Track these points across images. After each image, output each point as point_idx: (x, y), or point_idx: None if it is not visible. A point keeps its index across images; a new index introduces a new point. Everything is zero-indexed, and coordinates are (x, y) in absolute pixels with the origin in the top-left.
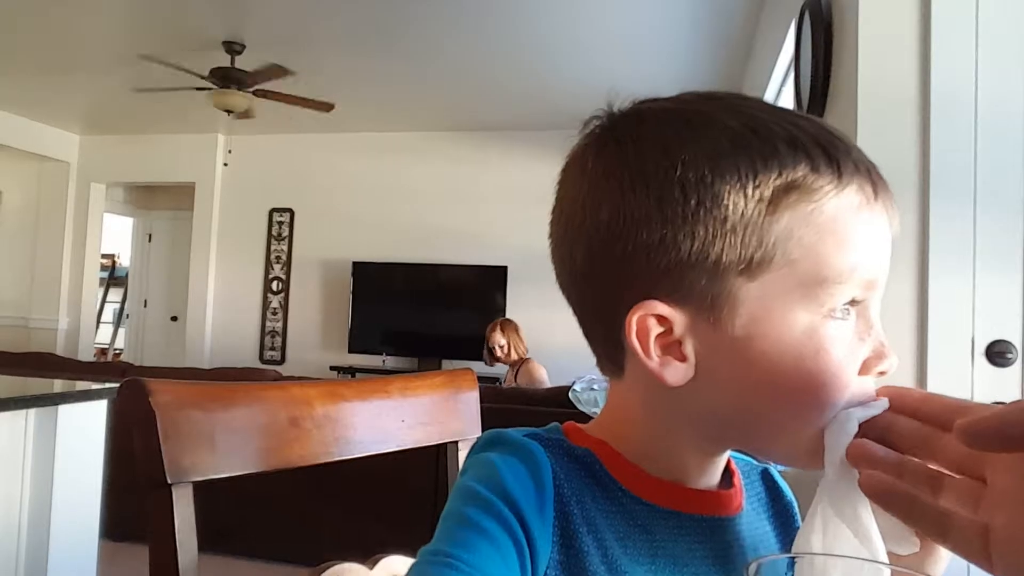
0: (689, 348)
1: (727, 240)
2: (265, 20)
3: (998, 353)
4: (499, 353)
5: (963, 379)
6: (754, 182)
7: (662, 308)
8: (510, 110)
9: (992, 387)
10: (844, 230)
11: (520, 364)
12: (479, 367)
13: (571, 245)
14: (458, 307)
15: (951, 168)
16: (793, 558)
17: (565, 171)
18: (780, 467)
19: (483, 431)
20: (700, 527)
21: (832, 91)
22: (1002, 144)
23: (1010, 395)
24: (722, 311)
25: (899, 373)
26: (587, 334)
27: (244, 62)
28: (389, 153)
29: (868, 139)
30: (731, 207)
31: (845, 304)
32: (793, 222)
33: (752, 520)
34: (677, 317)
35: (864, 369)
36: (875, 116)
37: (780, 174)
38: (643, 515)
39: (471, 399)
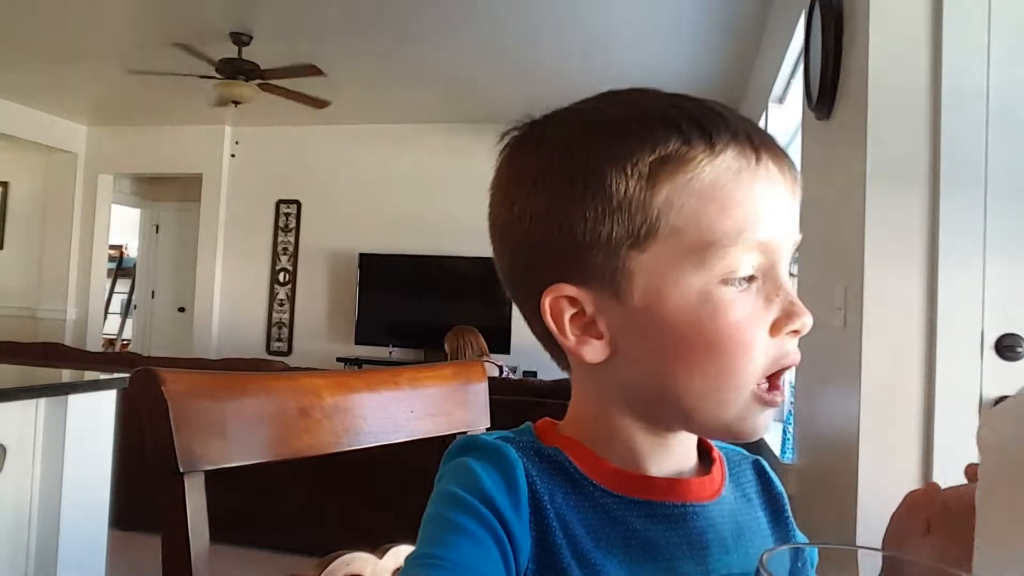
0: (602, 325)
1: (615, 218)
2: (272, 11)
3: (1007, 347)
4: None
5: (972, 373)
6: (631, 161)
7: (569, 289)
8: (518, 102)
9: (1001, 382)
10: (724, 194)
11: None
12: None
13: (499, 247)
14: (464, 299)
15: (961, 160)
16: (798, 549)
17: (492, 181)
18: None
19: (492, 423)
20: (672, 514)
21: (842, 83)
22: (1013, 136)
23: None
24: (620, 285)
25: (909, 367)
26: (532, 331)
27: (250, 53)
28: (396, 145)
29: (878, 131)
30: (614, 187)
31: (746, 274)
32: (673, 193)
33: (734, 506)
34: (585, 297)
35: (775, 330)
36: (885, 108)
37: (654, 150)
38: (615, 506)
39: (480, 390)
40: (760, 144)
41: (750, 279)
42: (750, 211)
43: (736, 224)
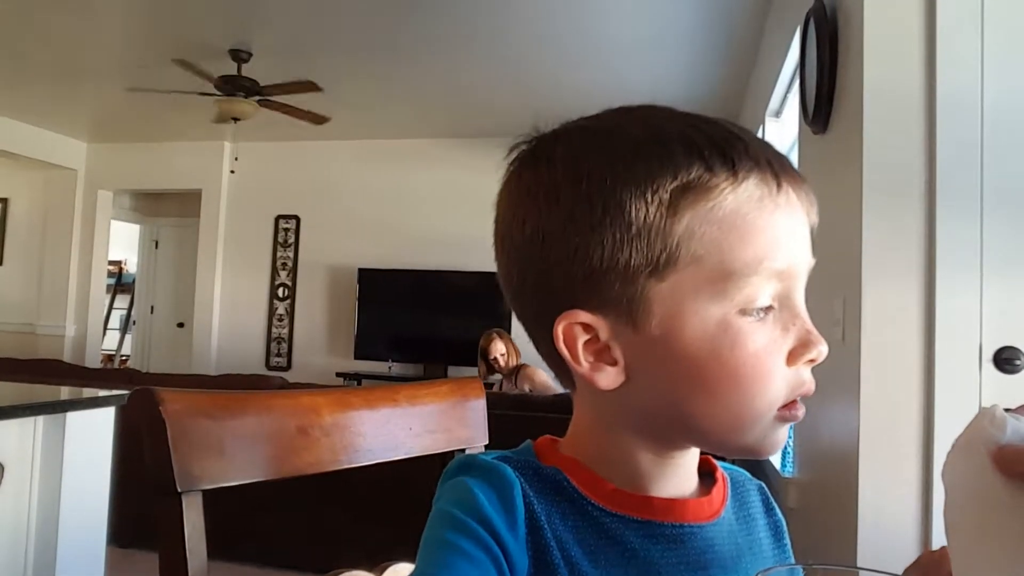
0: (617, 352)
1: (633, 245)
2: (271, 29)
3: (1006, 360)
4: (502, 362)
5: (971, 386)
6: (652, 187)
7: (584, 316)
8: (515, 117)
9: (1001, 395)
10: (745, 223)
11: (517, 370)
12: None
13: (506, 263)
14: (463, 313)
15: (957, 174)
16: (793, 569)
17: (498, 194)
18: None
19: (491, 439)
20: (670, 535)
21: (837, 98)
22: (1008, 149)
23: (1018, 402)
24: (638, 313)
25: (909, 381)
26: (538, 350)
27: (250, 70)
28: (394, 160)
29: (874, 145)
30: (633, 213)
31: (764, 304)
32: (694, 221)
33: (735, 527)
34: (600, 323)
35: (791, 359)
36: (881, 122)
37: (676, 176)
38: (613, 526)
39: (478, 407)
40: (780, 170)
41: (767, 308)
42: (770, 240)
43: (756, 253)
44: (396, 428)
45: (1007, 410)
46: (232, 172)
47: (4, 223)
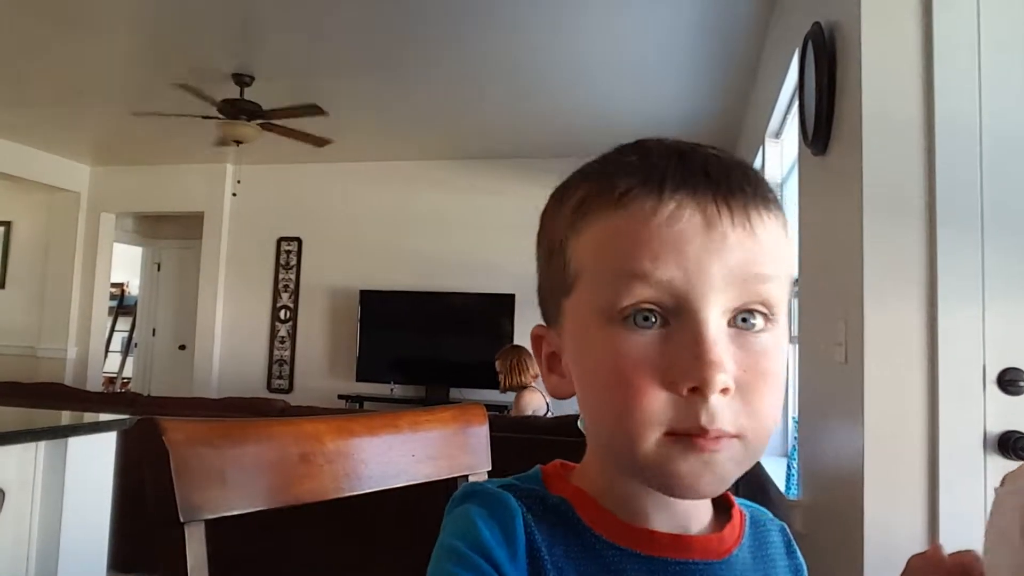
0: (564, 365)
1: (552, 265)
2: (273, 53)
3: (1010, 381)
4: (498, 379)
5: (975, 408)
6: (563, 211)
7: (542, 330)
8: (516, 139)
9: (1004, 416)
10: (630, 240)
11: (518, 393)
12: (491, 395)
13: None
14: (466, 335)
15: (957, 194)
16: None
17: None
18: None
19: (493, 460)
20: (675, 571)
21: (836, 119)
22: (1008, 169)
23: (1023, 424)
24: (561, 328)
25: (912, 402)
26: None
27: (252, 93)
28: (397, 182)
29: (874, 166)
30: (553, 235)
31: (645, 312)
32: (587, 237)
33: (749, 566)
34: (551, 337)
35: (670, 384)
36: (880, 144)
37: (574, 197)
38: (616, 560)
39: (481, 433)
40: (678, 185)
41: (647, 320)
42: (656, 255)
43: (641, 268)
44: (398, 455)
45: None
46: (234, 195)
47: (7, 246)
